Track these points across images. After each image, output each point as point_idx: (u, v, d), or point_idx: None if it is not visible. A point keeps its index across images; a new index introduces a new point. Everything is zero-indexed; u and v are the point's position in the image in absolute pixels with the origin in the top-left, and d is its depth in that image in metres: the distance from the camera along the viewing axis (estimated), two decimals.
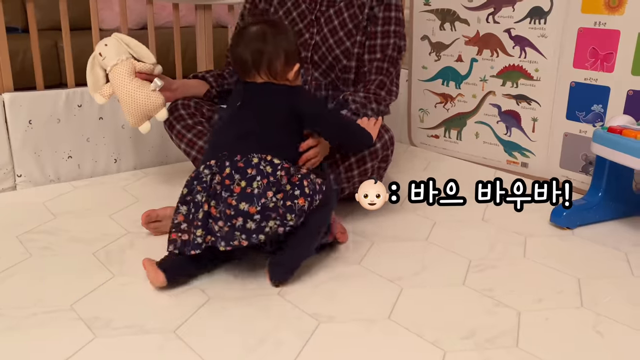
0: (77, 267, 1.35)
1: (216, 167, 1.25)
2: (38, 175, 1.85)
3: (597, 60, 1.81)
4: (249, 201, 1.20)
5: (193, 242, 1.23)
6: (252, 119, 1.32)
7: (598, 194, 1.65)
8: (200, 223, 1.23)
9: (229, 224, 1.20)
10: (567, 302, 1.25)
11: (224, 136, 1.34)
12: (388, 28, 1.62)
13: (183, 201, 1.27)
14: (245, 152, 1.25)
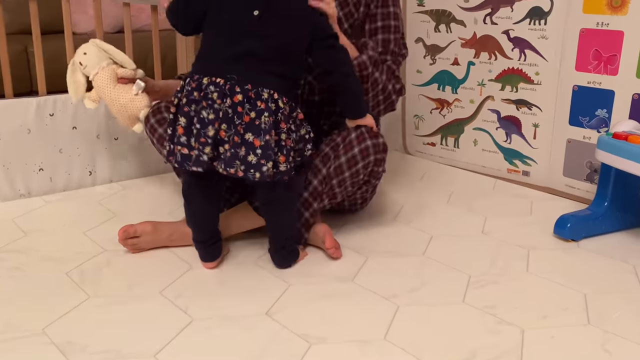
0: (49, 288, 1.33)
1: (226, 89, 1.28)
2: (7, 190, 1.83)
3: (600, 62, 1.83)
4: (255, 133, 1.27)
5: (197, 159, 1.27)
6: (268, 38, 1.32)
7: (604, 203, 1.66)
8: (210, 141, 1.26)
9: (232, 150, 1.27)
10: (573, 319, 1.25)
11: (232, 48, 1.31)
12: (388, 23, 1.63)
13: (182, 112, 1.29)
14: (255, 82, 1.28)
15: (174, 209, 1.80)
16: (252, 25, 1.31)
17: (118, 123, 1.71)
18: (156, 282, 1.36)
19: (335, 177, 1.49)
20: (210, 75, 1.29)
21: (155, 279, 1.37)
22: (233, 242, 1.55)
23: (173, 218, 1.67)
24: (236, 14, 1.33)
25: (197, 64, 1.35)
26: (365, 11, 1.63)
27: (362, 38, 1.63)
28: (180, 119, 1.29)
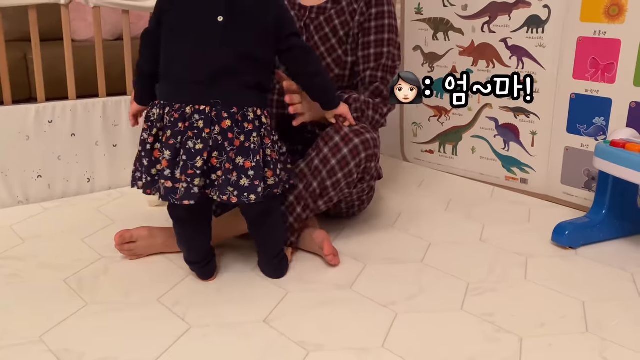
0: (46, 295, 1.33)
1: (212, 116, 1.24)
2: (5, 196, 1.83)
3: (597, 70, 1.84)
4: (246, 155, 1.24)
5: (187, 192, 1.23)
6: (235, 45, 1.26)
7: (602, 211, 1.66)
8: (199, 172, 1.23)
9: (224, 177, 1.24)
10: (571, 326, 1.25)
11: (203, 66, 1.25)
12: (382, 36, 1.63)
13: (167, 146, 1.23)
14: (240, 103, 1.25)
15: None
16: (217, 32, 1.26)
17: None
18: (154, 289, 1.36)
19: (329, 179, 1.48)
20: (193, 103, 1.24)
21: (153, 286, 1.37)
22: (229, 249, 1.55)
23: (170, 225, 1.66)
24: (198, 22, 1.27)
25: (166, 86, 1.29)
26: (360, 20, 1.64)
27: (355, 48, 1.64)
28: (165, 152, 1.23)
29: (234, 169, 1.24)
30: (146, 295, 1.33)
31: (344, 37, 1.64)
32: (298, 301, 1.33)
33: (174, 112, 1.24)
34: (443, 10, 2.21)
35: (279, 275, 1.44)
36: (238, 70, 1.26)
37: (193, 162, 1.22)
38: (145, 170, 1.28)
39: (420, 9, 2.28)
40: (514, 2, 2.01)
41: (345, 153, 1.47)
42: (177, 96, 1.25)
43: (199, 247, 1.39)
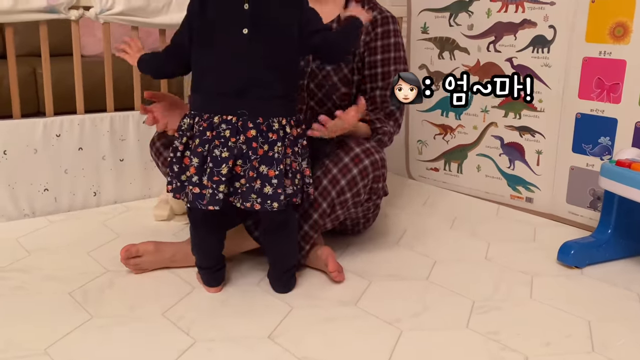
0: (52, 307, 1.33)
1: (238, 125, 1.28)
2: (12, 209, 1.84)
3: (603, 90, 1.85)
4: (269, 164, 1.28)
5: (212, 197, 1.27)
6: (261, 57, 1.31)
7: (607, 230, 1.66)
8: (224, 179, 1.27)
9: (247, 185, 1.28)
10: (577, 346, 1.25)
11: (232, 78, 1.30)
12: (388, 55, 1.64)
13: (195, 153, 1.29)
14: (266, 114, 1.30)
15: (177, 231, 1.80)
16: (243, 44, 1.30)
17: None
18: (158, 303, 1.36)
19: (337, 198, 1.49)
20: (221, 113, 1.29)
21: (158, 300, 1.37)
22: (235, 263, 1.55)
23: (177, 239, 1.67)
24: (224, 36, 1.31)
25: (198, 98, 1.34)
26: (365, 39, 1.65)
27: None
28: (193, 159, 1.29)
29: (258, 177, 1.29)
30: (151, 309, 1.33)
31: (349, 56, 1.65)
32: (303, 317, 1.33)
33: (202, 121, 1.30)
34: (449, 29, 2.23)
35: (287, 290, 1.44)
36: (265, 81, 1.31)
37: (219, 169, 1.27)
38: (175, 176, 1.33)
39: (426, 29, 2.30)
40: (519, 22, 2.03)
41: (355, 174, 1.49)
42: (207, 107, 1.31)
43: (212, 253, 1.42)
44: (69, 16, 1.85)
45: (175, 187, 1.34)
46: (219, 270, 1.43)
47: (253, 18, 1.30)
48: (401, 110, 1.67)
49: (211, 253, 1.42)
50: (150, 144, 1.66)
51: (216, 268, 1.42)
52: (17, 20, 1.78)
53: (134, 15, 1.95)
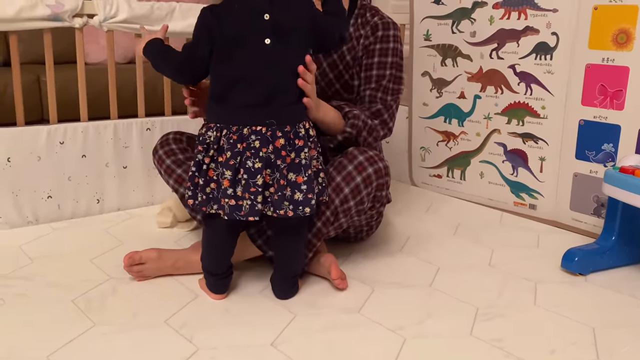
0: (54, 315, 1.33)
1: (267, 135, 1.29)
2: (15, 217, 1.84)
3: (606, 97, 1.85)
4: (297, 171, 1.31)
5: (252, 209, 1.29)
6: (284, 65, 1.33)
7: (611, 237, 1.65)
8: (260, 189, 1.29)
9: (279, 193, 1.30)
10: (581, 353, 1.24)
11: (257, 87, 1.31)
12: (385, 59, 1.64)
13: (227, 166, 1.28)
14: (292, 121, 1.32)
15: (180, 238, 1.80)
16: (266, 55, 1.31)
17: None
18: (161, 310, 1.36)
19: (341, 206, 1.49)
20: (250, 124, 1.29)
21: (161, 308, 1.37)
22: (237, 271, 1.55)
23: (179, 246, 1.68)
24: (247, 46, 1.32)
25: (222, 110, 1.33)
26: (364, 43, 1.65)
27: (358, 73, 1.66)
28: (226, 172, 1.28)
29: (287, 185, 1.31)
30: (154, 317, 1.33)
31: (351, 61, 1.65)
32: (306, 325, 1.32)
33: (232, 134, 1.30)
34: (451, 36, 2.23)
35: (288, 297, 1.44)
36: (289, 88, 1.33)
37: (254, 181, 1.28)
38: (201, 189, 1.32)
39: (429, 36, 2.30)
40: (522, 29, 2.03)
41: (359, 182, 1.48)
42: (235, 119, 1.31)
43: (224, 259, 1.43)
44: (73, 24, 1.86)
45: (201, 200, 1.32)
46: (227, 277, 1.43)
47: (274, 27, 1.31)
48: (390, 114, 1.65)
49: (223, 259, 1.43)
50: (153, 152, 1.66)
51: (225, 275, 1.43)
52: (21, 28, 1.78)
53: (138, 23, 1.95)
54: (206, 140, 1.32)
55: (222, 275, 1.42)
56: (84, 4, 1.86)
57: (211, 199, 1.32)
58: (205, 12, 1.33)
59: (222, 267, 1.42)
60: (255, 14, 1.31)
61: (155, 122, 2.07)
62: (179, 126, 2.12)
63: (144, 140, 2.04)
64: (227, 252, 1.43)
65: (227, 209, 1.29)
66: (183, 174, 1.58)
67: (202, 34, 1.33)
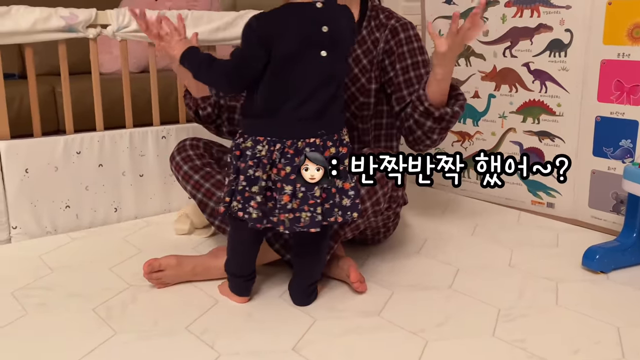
0: (75, 324, 1.33)
1: (319, 146, 1.30)
2: (34, 227, 1.85)
3: (622, 93, 1.83)
4: (344, 178, 1.31)
5: (312, 220, 1.28)
6: (337, 76, 1.33)
7: (632, 234, 1.63)
8: (319, 201, 1.28)
9: (330, 201, 1.30)
10: (606, 353, 1.22)
11: (313, 101, 1.29)
12: (417, 59, 1.63)
13: (288, 181, 1.27)
14: (338, 129, 1.33)
15: (198, 244, 1.81)
16: (322, 68, 1.30)
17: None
18: (182, 317, 1.36)
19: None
20: (304, 137, 1.28)
21: (181, 314, 1.37)
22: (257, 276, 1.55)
23: (197, 252, 1.68)
24: (304, 59, 1.28)
25: (274, 124, 1.30)
26: (385, 48, 1.64)
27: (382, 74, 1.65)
28: (286, 187, 1.27)
29: (337, 192, 1.31)
30: (175, 323, 1.33)
31: (368, 65, 1.65)
32: (326, 329, 1.32)
33: (288, 148, 1.28)
34: None
35: (308, 303, 1.43)
36: (338, 98, 1.35)
37: (312, 192, 1.27)
38: (259, 206, 1.29)
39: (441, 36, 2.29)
40: (535, 26, 2.02)
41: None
42: (289, 133, 1.29)
43: (250, 261, 1.43)
44: (87, 35, 1.87)
45: (257, 216, 1.29)
46: (251, 280, 1.43)
47: (330, 39, 1.30)
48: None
49: (249, 261, 1.43)
50: (170, 158, 1.67)
51: (250, 277, 1.43)
52: (36, 40, 1.80)
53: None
54: (256, 154, 1.29)
55: (247, 277, 1.42)
56: (98, 14, 1.87)
57: (267, 214, 1.30)
58: (260, 24, 1.27)
59: (248, 270, 1.42)
60: (314, 26, 1.28)
61: (170, 129, 2.08)
62: (194, 133, 2.12)
63: (160, 148, 2.05)
64: (253, 255, 1.43)
65: (287, 222, 1.28)
66: (200, 180, 1.58)
67: (255, 49, 1.27)
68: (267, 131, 1.30)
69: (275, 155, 1.28)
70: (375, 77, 1.65)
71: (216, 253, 1.56)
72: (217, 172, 1.60)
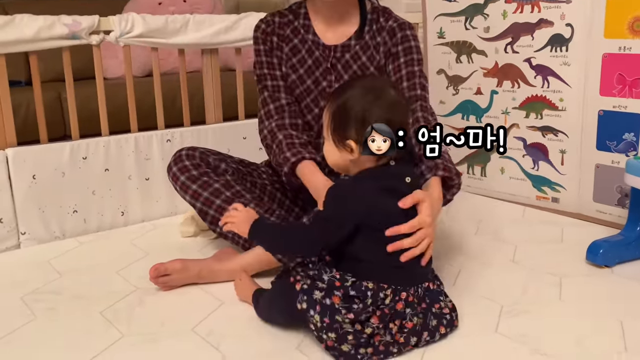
0: (83, 327, 1.35)
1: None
2: (42, 232, 1.88)
3: (625, 86, 1.82)
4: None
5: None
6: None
7: (636, 228, 1.63)
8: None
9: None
10: (610, 346, 1.22)
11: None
12: (411, 57, 1.63)
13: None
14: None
15: (203, 246, 1.82)
16: (406, 218, 1.22)
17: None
18: (188, 319, 1.37)
19: None
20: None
21: (187, 316, 1.38)
22: (259, 279, 1.56)
23: (203, 256, 1.69)
24: (398, 218, 1.22)
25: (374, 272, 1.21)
26: (384, 50, 1.64)
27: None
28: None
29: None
30: (181, 326, 1.35)
31: (375, 72, 1.64)
32: None
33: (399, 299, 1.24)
34: (465, 33, 2.22)
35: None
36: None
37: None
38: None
39: (443, 33, 2.30)
40: (536, 22, 2.02)
41: None
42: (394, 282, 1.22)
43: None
44: (90, 41, 1.89)
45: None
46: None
47: (411, 189, 1.26)
48: (429, 104, 1.62)
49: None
50: (167, 169, 1.66)
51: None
52: (41, 48, 1.82)
53: (153, 37, 1.98)
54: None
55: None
56: (100, 20, 1.89)
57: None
58: (353, 201, 1.20)
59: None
60: (399, 180, 1.24)
61: (175, 133, 2.10)
62: (199, 135, 2.14)
63: (165, 152, 2.06)
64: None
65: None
66: (198, 189, 1.58)
67: (347, 220, 1.19)
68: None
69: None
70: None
71: (220, 256, 1.57)
72: (215, 181, 1.60)
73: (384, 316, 1.17)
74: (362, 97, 1.22)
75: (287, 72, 1.65)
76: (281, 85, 1.65)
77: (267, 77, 1.66)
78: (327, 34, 1.65)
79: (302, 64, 1.65)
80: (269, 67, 1.66)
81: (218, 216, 1.54)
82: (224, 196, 1.57)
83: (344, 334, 1.15)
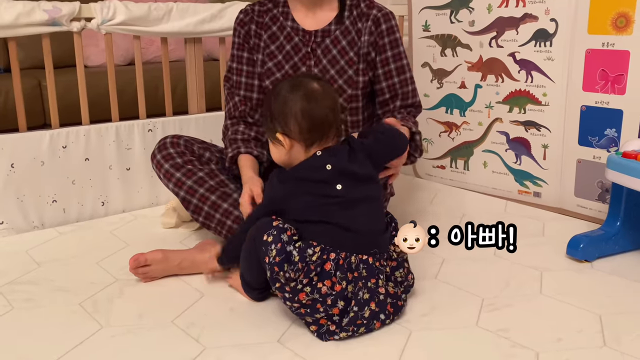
0: (62, 319, 1.34)
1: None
2: (21, 222, 1.85)
3: (607, 82, 1.84)
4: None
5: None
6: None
7: (616, 223, 1.65)
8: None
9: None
10: (588, 341, 1.24)
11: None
12: (398, 50, 1.65)
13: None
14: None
15: (185, 238, 1.81)
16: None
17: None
18: (168, 310, 1.36)
19: None
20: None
21: (167, 308, 1.38)
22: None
23: (184, 247, 1.68)
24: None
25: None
26: (370, 40, 1.63)
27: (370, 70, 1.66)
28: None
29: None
30: (161, 317, 1.34)
31: (355, 57, 1.64)
32: None
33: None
34: (450, 26, 2.22)
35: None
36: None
37: (362, 313, 1.28)
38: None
39: (428, 26, 2.30)
40: (520, 16, 2.02)
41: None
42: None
43: (264, 275, 1.36)
44: (71, 28, 1.86)
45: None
46: (266, 290, 1.40)
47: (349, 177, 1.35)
48: (418, 98, 1.71)
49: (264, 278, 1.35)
50: (151, 156, 1.66)
51: (265, 289, 1.39)
52: (20, 34, 1.79)
53: (136, 25, 1.96)
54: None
55: (263, 289, 1.39)
56: (81, 7, 1.86)
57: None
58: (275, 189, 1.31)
59: (262, 283, 1.36)
60: (319, 169, 1.31)
61: (157, 122, 2.08)
62: (181, 125, 2.12)
63: (146, 142, 2.05)
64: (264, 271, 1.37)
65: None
66: (182, 177, 1.58)
67: (271, 204, 1.32)
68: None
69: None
70: (363, 70, 1.65)
71: (202, 247, 1.56)
72: (199, 170, 1.60)
73: (309, 271, 1.21)
74: (284, 91, 1.32)
75: (264, 59, 1.65)
76: (242, 82, 1.68)
77: (232, 70, 1.70)
78: (307, 19, 1.65)
79: (281, 50, 1.65)
80: (238, 60, 1.69)
81: (201, 205, 1.54)
82: (208, 185, 1.57)
83: (274, 279, 1.21)
